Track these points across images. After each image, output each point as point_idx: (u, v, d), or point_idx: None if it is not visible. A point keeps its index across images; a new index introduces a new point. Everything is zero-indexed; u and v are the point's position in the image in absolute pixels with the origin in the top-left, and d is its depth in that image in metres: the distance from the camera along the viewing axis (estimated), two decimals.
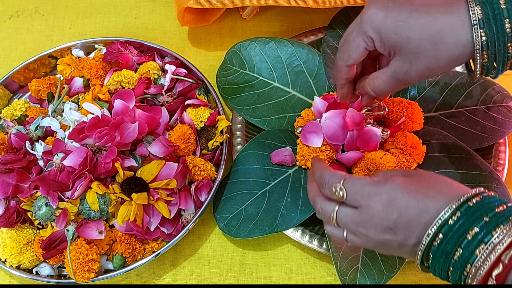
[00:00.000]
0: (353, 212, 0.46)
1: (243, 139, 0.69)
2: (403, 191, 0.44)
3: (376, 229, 0.45)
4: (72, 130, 0.61)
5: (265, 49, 0.74)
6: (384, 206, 0.44)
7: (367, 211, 0.45)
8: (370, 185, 0.46)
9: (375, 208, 0.45)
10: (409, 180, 0.45)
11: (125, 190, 0.59)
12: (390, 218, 0.44)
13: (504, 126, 0.67)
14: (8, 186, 0.60)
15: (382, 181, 0.46)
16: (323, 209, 0.49)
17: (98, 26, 0.84)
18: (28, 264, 0.60)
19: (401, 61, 0.49)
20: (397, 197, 0.44)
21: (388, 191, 0.45)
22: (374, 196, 0.45)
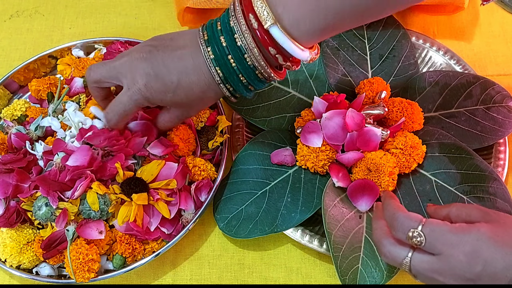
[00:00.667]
0: (431, 260, 0.45)
1: (243, 139, 0.69)
2: (489, 243, 0.43)
3: (456, 280, 0.44)
4: (78, 133, 0.62)
5: None
6: (468, 257, 0.43)
7: (448, 261, 0.44)
8: (452, 232, 0.44)
9: (458, 258, 0.43)
10: (495, 229, 0.43)
11: (125, 190, 0.59)
12: (473, 271, 0.43)
13: (504, 126, 0.67)
14: (8, 186, 0.60)
15: (466, 229, 0.44)
16: (393, 254, 0.47)
17: (98, 26, 0.84)
18: (28, 264, 0.60)
19: (181, 111, 0.59)
20: (483, 248, 0.42)
21: (473, 241, 0.43)
22: (457, 246, 0.43)
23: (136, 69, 0.54)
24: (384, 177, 0.61)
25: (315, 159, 0.63)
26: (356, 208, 0.62)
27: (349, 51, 0.74)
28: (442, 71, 0.71)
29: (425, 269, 0.45)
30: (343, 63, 0.73)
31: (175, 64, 0.53)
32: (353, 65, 0.73)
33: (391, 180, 0.61)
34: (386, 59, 0.73)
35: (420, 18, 0.81)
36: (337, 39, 0.74)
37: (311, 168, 0.64)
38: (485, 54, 0.79)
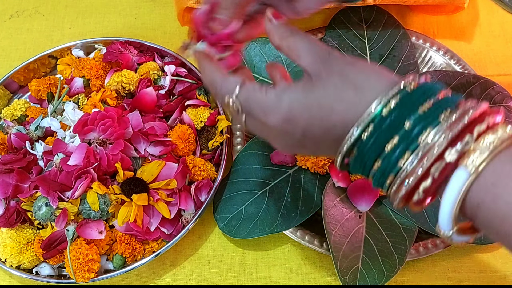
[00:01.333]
0: (255, 123, 0.41)
1: (243, 139, 0.69)
2: (303, 109, 0.39)
3: (281, 146, 0.42)
4: (77, 123, 0.61)
5: (265, 49, 0.74)
6: (282, 125, 0.40)
7: (267, 128, 0.41)
8: (266, 97, 0.40)
9: (273, 126, 0.40)
10: (311, 90, 0.39)
11: (125, 190, 0.59)
12: (291, 141, 0.40)
13: None
14: (8, 186, 0.60)
15: (278, 93, 0.40)
16: (223, 91, 0.43)
17: (98, 26, 0.84)
18: (28, 264, 0.60)
19: None
20: (296, 116, 0.39)
21: (286, 108, 0.39)
22: (270, 114, 0.40)
23: None
24: None
25: (315, 159, 0.63)
26: (356, 208, 0.62)
27: (349, 51, 0.74)
28: (442, 71, 0.71)
29: (252, 128, 0.43)
30: None
31: None
32: None
33: None
34: (386, 59, 0.73)
35: (420, 18, 0.81)
36: (337, 39, 0.74)
37: (311, 168, 0.64)
38: (485, 54, 0.79)
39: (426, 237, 0.62)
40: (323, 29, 0.77)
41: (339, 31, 0.75)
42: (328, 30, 0.75)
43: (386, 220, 0.62)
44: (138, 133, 0.62)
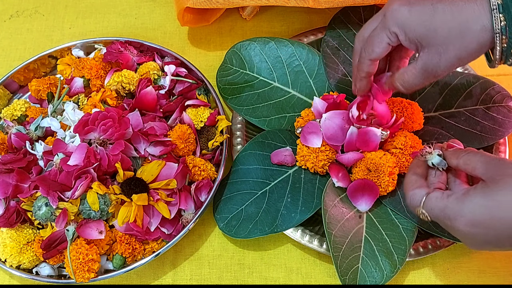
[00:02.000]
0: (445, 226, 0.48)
1: (243, 139, 0.69)
2: (484, 211, 0.44)
3: (472, 246, 0.48)
4: (78, 122, 0.61)
5: (265, 49, 0.74)
6: (468, 229, 0.45)
7: (456, 230, 0.47)
8: (449, 204, 0.47)
9: (461, 231, 0.46)
10: (487, 195, 0.45)
11: (125, 191, 0.59)
12: (479, 241, 0.46)
13: (504, 126, 0.67)
14: (8, 186, 0.60)
15: (460, 200, 0.46)
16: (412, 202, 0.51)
17: (98, 26, 0.84)
18: (28, 264, 0.60)
19: (430, 54, 0.49)
20: (480, 219, 0.45)
21: (470, 213, 0.45)
22: (456, 220, 0.46)
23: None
24: (384, 177, 0.61)
25: (315, 159, 0.63)
26: (356, 208, 0.62)
27: (349, 51, 0.74)
28: None
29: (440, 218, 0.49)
30: (343, 63, 0.73)
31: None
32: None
33: (391, 180, 0.61)
34: None
35: None
36: (337, 39, 0.74)
37: (311, 169, 0.64)
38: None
39: (426, 237, 0.62)
40: (323, 29, 0.77)
41: (339, 31, 0.75)
42: (328, 30, 0.75)
43: (386, 220, 0.62)
44: (138, 133, 0.62)
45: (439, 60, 0.49)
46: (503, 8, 0.46)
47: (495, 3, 0.46)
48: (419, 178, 0.53)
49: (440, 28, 0.48)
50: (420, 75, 0.51)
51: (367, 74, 0.56)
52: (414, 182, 0.52)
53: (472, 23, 0.47)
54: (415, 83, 0.52)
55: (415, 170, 0.54)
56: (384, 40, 0.51)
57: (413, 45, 0.50)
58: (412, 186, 0.52)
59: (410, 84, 0.53)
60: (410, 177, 0.53)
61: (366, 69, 0.55)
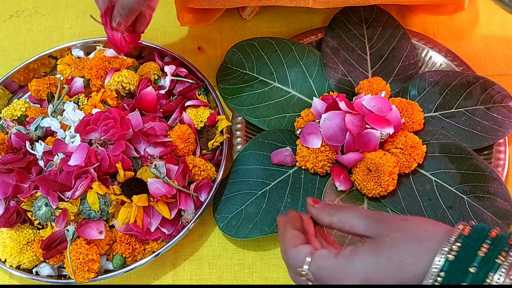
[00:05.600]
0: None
1: (243, 139, 0.69)
2: (376, 269, 0.41)
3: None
4: (79, 123, 0.61)
5: (265, 49, 0.74)
6: (366, 272, 0.42)
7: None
8: (338, 267, 0.43)
9: (359, 273, 0.42)
10: (376, 250, 0.42)
11: (126, 191, 0.59)
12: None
13: (504, 126, 0.67)
14: (8, 186, 0.60)
15: (350, 259, 0.42)
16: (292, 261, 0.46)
17: (98, 26, 0.84)
18: (28, 264, 0.60)
19: None
20: (371, 277, 0.41)
21: (360, 272, 0.42)
22: (346, 279, 0.42)
23: None
24: (384, 177, 0.61)
25: (315, 160, 0.63)
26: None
27: (349, 51, 0.74)
28: (442, 71, 0.71)
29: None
30: (343, 63, 0.73)
31: None
32: (353, 65, 0.73)
33: (391, 180, 0.61)
34: (386, 59, 0.73)
35: (420, 18, 0.81)
36: (337, 39, 0.74)
37: (311, 169, 0.64)
38: (485, 54, 0.79)
39: None
40: (323, 29, 0.77)
41: (339, 31, 0.75)
42: (328, 30, 0.75)
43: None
44: (138, 133, 0.62)
45: None
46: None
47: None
48: (301, 234, 0.47)
49: None
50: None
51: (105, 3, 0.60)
52: (295, 237, 0.47)
53: None
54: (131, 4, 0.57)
55: (294, 223, 0.49)
56: None
57: None
58: (295, 242, 0.46)
59: (126, 5, 0.56)
60: (291, 232, 0.47)
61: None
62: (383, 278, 0.41)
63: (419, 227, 0.42)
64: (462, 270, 0.39)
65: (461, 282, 0.38)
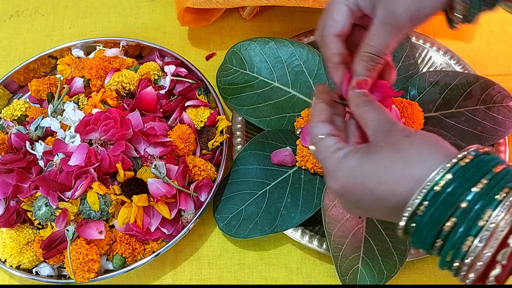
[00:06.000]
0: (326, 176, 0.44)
1: (243, 139, 0.69)
2: (356, 180, 0.41)
3: (346, 208, 0.44)
4: (79, 123, 0.61)
5: (265, 49, 0.74)
6: (339, 192, 0.42)
7: (331, 190, 0.44)
8: (330, 159, 0.43)
9: (334, 191, 0.43)
10: (366, 159, 0.40)
11: (126, 191, 0.59)
12: (351, 205, 0.42)
13: (504, 126, 0.67)
14: (8, 186, 0.60)
15: (340, 159, 0.42)
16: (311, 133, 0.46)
17: (98, 26, 0.84)
18: (28, 264, 0.60)
19: (384, 2, 0.45)
20: (350, 186, 0.41)
21: (342, 177, 0.41)
22: (330, 178, 0.43)
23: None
24: None
25: (315, 160, 0.63)
26: None
27: None
28: (442, 71, 0.71)
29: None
30: None
31: None
32: None
33: None
34: None
35: None
36: None
37: (311, 169, 0.64)
38: (485, 54, 0.79)
39: None
40: None
41: None
42: None
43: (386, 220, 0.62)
44: (138, 133, 0.62)
45: (395, 4, 0.44)
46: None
47: None
48: (326, 109, 0.47)
49: None
50: (383, 31, 0.45)
51: (340, 57, 0.48)
52: (320, 112, 0.46)
53: None
54: (382, 44, 0.46)
55: (322, 96, 0.48)
56: (341, 3, 0.47)
57: (369, 2, 0.46)
58: (317, 117, 0.46)
59: (377, 48, 0.46)
60: (319, 104, 0.47)
61: (336, 50, 0.48)
62: (361, 190, 0.40)
63: (417, 148, 0.39)
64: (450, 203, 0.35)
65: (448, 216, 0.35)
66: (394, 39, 0.46)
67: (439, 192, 0.36)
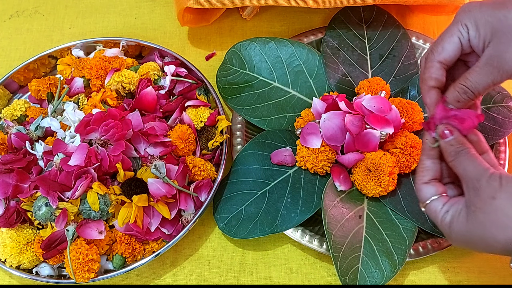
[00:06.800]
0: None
1: (243, 139, 0.69)
2: (469, 237, 0.47)
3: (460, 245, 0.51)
4: (80, 123, 0.61)
5: (265, 49, 0.74)
6: (457, 245, 0.51)
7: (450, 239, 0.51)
8: (441, 224, 0.50)
9: (450, 236, 0.49)
10: (471, 219, 0.47)
11: (126, 191, 0.59)
12: (472, 249, 0.50)
13: (504, 126, 0.67)
14: (8, 186, 0.60)
15: (448, 223, 0.49)
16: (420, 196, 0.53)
17: (98, 26, 0.84)
18: (28, 264, 0.60)
19: (496, 44, 0.46)
20: (466, 241, 0.48)
21: (456, 236, 0.48)
22: (448, 238, 0.50)
23: None
24: (384, 177, 0.61)
25: (315, 160, 0.63)
26: (356, 208, 0.62)
27: (349, 51, 0.74)
28: None
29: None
30: (343, 63, 0.73)
31: None
32: (353, 65, 0.73)
33: (391, 180, 0.61)
34: (386, 59, 0.73)
35: (420, 18, 0.81)
36: (337, 39, 0.74)
37: (311, 169, 0.64)
38: None
39: (426, 237, 0.62)
40: (323, 29, 0.77)
41: (339, 31, 0.75)
42: (328, 30, 0.75)
43: (386, 220, 0.62)
44: (138, 133, 0.62)
45: (506, 50, 0.45)
46: None
47: None
48: (432, 167, 0.52)
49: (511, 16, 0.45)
50: (485, 70, 0.46)
51: (436, 81, 0.50)
52: (426, 171, 0.52)
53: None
54: (479, 82, 0.47)
55: (428, 152, 0.52)
56: (454, 34, 0.48)
57: (481, 42, 0.47)
58: (424, 178, 0.52)
59: (474, 82, 0.47)
60: (425, 162, 0.52)
61: (435, 74, 0.50)
62: (475, 243, 0.47)
63: (501, 211, 0.45)
64: None
65: None
66: (493, 80, 0.47)
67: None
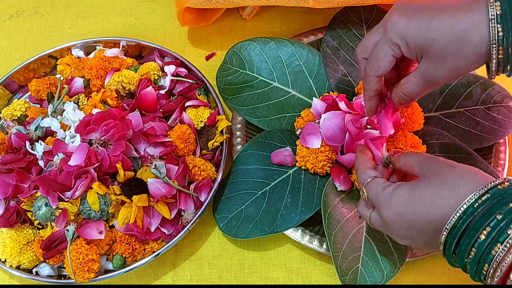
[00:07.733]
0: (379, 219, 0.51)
1: (243, 139, 0.69)
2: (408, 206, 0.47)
3: (396, 237, 0.50)
4: (80, 123, 0.61)
5: (265, 49, 0.74)
6: (393, 219, 0.48)
7: (384, 221, 0.49)
8: (382, 194, 0.49)
9: (387, 221, 0.49)
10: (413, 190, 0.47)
11: (126, 191, 0.59)
12: (403, 232, 0.48)
13: (504, 126, 0.67)
14: (8, 186, 0.60)
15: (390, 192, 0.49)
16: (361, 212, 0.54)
17: (98, 26, 0.84)
18: (28, 264, 0.60)
19: (428, 63, 0.50)
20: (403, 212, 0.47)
21: (395, 206, 0.48)
22: (384, 209, 0.49)
23: None
24: None
25: (315, 160, 0.63)
26: (356, 208, 0.62)
27: (349, 51, 0.74)
28: None
29: (378, 227, 0.52)
30: (343, 63, 0.73)
31: None
32: (353, 65, 0.73)
33: None
34: None
35: None
36: (337, 39, 0.74)
37: (311, 169, 0.64)
38: None
39: None
40: (323, 29, 0.77)
41: (339, 31, 0.75)
42: (328, 30, 0.75)
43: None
44: (138, 133, 0.62)
45: (437, 70, 0.49)
46: (501, 18, 0.46)
47: (494, 13, 0.46)
48: (371, 160, 0.56)
49: (438, 38, 0.48)
50: (420, 84, 0.52)
51: (376, 92, 0.55)
52: (366, 162, 0.55)
53: (470, 34, 0.47)
54: (415, 92, 0.52)
55: (366, 152, 0.57)
56: (388, 53, 0.51)
57: (414, 56, 0.51)
58: (365, 165, 0.55)
59: (411, 93, 0.53)
60: (364, 157, 0.56)
61: (374, 87, 0.54)
62: (413, 214, 0.46)
63: (460, 175, 0.45)
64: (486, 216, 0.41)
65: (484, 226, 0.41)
66: (426, 89, 0.53)
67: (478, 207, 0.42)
